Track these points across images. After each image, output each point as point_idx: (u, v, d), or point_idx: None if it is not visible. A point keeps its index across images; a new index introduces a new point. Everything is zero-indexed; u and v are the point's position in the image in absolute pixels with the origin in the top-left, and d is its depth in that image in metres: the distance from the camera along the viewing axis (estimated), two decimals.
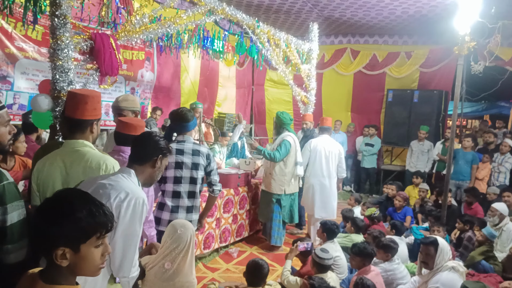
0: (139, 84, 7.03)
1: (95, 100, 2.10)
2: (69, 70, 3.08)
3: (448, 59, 8.37)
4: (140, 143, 1.95)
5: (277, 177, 4.90)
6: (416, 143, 7.86)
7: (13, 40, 5.08)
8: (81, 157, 2.00)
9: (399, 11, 7.03)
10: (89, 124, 2.08)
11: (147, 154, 1.92)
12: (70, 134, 2.07)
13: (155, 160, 1.92)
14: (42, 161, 2.06)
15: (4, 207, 1.58)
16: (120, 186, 1.70)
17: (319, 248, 3.36)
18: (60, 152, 2.04)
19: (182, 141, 3.22)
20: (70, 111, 2.05)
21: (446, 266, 3.12)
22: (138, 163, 1.89)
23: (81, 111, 2.03)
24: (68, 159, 2.01)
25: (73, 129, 2.06)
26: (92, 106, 2.07)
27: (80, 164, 1.98)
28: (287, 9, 7.35)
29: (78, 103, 2.03)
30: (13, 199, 1.62)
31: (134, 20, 3.64)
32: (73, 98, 2.05)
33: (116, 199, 1.65)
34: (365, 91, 9.31)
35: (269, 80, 10.15)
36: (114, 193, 1.66)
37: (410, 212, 5.85)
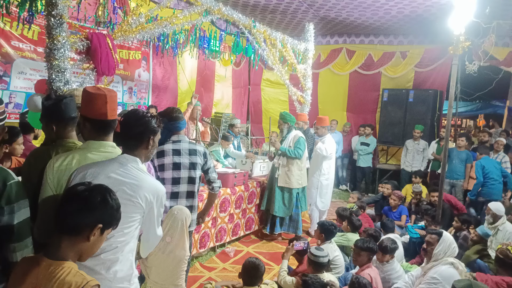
0: (136, 83, 7.03)
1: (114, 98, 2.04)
2: (66, 70, 3.08)
3: (443, 59, 8.43)
4: (132, 130, 1.90)
5: (296, 173, 5.25)
6: (411, 142, 7.91)
7: (9, 39, 5.06)
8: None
9: (394, 11, 7.07)
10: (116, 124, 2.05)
11: (141, 139, 1.91)
12: (100, 136, 1.99)
13: (149, 140, 1.94)
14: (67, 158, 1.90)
15: (11, 206, 1.60)
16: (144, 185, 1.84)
17: (314, 247, 3.38)
18: (91, 153, 1.95)
19: (177, 141, 3.19)
20: (110, 113, 1.96)
21: (446, 260, 3.16)
22: (132, 150, 1.91)
23: (111, 111, 1.97)
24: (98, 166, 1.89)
25: (105, 131, 1.98)
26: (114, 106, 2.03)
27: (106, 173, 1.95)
28: (283, 9, 7.37)
29: (115, 103, 1.98)
30: (20, 198, 1.65)
31: (131, 19, 3.64)
32: (111, 100, 1.97)
33: (148, 198, 1.85)
34: (360, 90, 9.35)
35: (266, 80, 10.17)
36: (142, 193, 1.82)
37: (405, 211, 5.89)
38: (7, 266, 1.66)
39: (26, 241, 1.67)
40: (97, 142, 1.97)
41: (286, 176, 5.26)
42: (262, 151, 7.75)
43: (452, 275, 3.08)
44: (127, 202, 1.76)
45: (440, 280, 3.06)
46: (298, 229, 5.36)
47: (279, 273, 3.51)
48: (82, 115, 1.99)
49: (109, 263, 1.73)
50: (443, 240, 3.24)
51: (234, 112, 9.20)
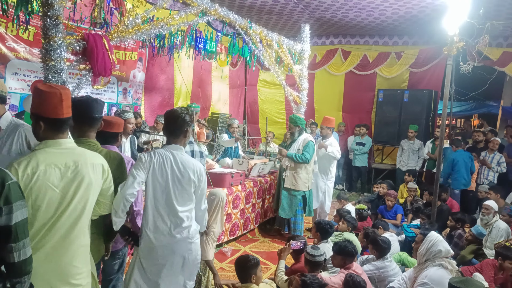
0: (131, 84, 7.02)
1: (69, 96, 2.02)
2: (62, 71, 3.07)
3: (437, 59, 8.49)
4: (174, 123, 2.56)
5: (303, 176, 5.30)
6: (407, 142, 7.96)
7: (4, 40, 5.05)
8: (83, 156, 2.00)
9: (389, 12, 7.12)
10: (70, 121, 2.04)
11: (181, 129, 2.56)
12: (58, 134, 1.96)
13: (186, 131, 2.59)
14: (31, 163, 1.84)
15: (10, 206, 1.61)
16: (195, 163, 2.62)
17: (311, 246, 3.38)
18: (53, 153, 1.92)
19: (190, 142, 3.25)
20: (66, 112, 1.95)
21: (434, 262, 3.18)
22: (176, 138, 2.57)
23: (66, 109, 1.96)
24: (69, 159, 1.94)
25: (64, 129, 1.98)
26: (68, 103, 2.01)
27: (87, 163, 2.00)
28: (279, 10, 7.40)
29: (62, 101, 1.93)
30: (18, 198, 1.65)
31: (127, 20, 3.64)
32: (67, 98, 1.96)
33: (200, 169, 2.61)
34: (356, 91, 9.40)
35: (262, 80, 10.20)
36: (197, 166, 2.59)
37: (401, 210, 5.93)
38: (5, 267, 1.67)
39: (24, 241, 1.67)
40: (54, 141, 1.94)
41: (293, 178, 5.32)
42: (258, 151, 7.77)
43: (441, 276, 3.08)
44: (190, 181, 2.52)
45: (430, 284, 3.05)
46: (296, 231, 5.38)
47: (276, 273, 3.51)
48: (34, 114, 1.94)
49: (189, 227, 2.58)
50: (426, 240, 3.25)
51: (231, 113, 9.22)
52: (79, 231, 1.99)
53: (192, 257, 2.64)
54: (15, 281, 1.68)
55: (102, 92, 6.49)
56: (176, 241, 2.52)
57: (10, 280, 1.68)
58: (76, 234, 1.97)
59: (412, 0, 6.38)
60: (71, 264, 1.97)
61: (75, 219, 1.96)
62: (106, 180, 2.14)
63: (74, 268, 1.98)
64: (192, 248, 2.62)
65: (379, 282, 3.59)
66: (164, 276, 2.57)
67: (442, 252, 3.21)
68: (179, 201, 2.52)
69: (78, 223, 1.97)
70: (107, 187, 2.16)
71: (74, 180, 1.94)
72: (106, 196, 2.20)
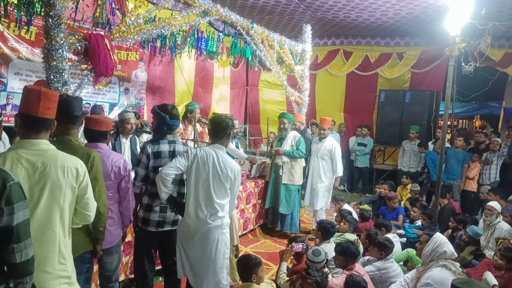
0: (133, 84, 7.03)
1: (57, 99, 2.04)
2: (64, 71, 3.08)
3: (439, 60, 8.48)
4: (218, 127, 2.93)
5: (299, 170, 5.54)
6: (408, 143, 7.95)
7: (6, 40, 5.06)
8: (54, 158, 1.94)
9: (391, 13, 7.11)
10: (52, 123, 2.02)
11: (224, 132, 2.93)
12: (33, 134, 1.95)
13: (229, 134, 2.98)
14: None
15: (11, 207, 1.60)
16: (232, 166, 2.94)
17: (311, 251, 3.32)
18: (23, 153, 1.90)
19: (173, 141, 3.13)
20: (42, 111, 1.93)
21: (438, 263, 3.17)
22: (219, 139, 2.94)
23: (52, 110, 1.96)
24: (37, 159, 1.90)
25: (40, 129, 1.95)
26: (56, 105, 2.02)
27: (57, 166, 1.93)
28: (280, 11, 7.40)
29: (50, 102, 1.95)
30: (19, 199, 1.64)
31: (129, 21, 3.65)
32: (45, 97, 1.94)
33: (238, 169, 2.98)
34: (357, 91, 9.39)
35: (263, 81, 10.19)
36: (236, 171, 2.95)
37: (402, 211, 5.91)
38: (7, 267, 1.67)
39: (26, 242, 1.67)
40: (27, 141, 1.93)
41: (290, 173, 5.47)
42: (260, 151, 7.77)
43: (444, 277, 3.08)
44: (228, 178, 2.86)
45: (434, 285, 3.05)
46: (295, 226, 5.58)
47: (278, 275, 3.50)
48: (18, 112, 1.97)
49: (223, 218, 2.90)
50: (432, 241, 3.25)
51: (232, 113, 9.21)
52: (49, 241, 1.92)
53: (222, 248, 2.89)
54: (17, 282, 1.68)
55: (104, 92, 6.49)
56: (210, 228, 2.84)
57: (12, 280, 1.67)
58: (46, 242, 1.91)
59: (414, 1, 6.37)
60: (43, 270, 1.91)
61: (43, 225, 1.90)
62: (80, 185, 2.03)
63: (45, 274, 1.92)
64: (223, 239, 2.91)
65: (381, 283, 3.58)
66: (198, 260, 2.87)
67: (447, 254, 3.23)
68: (217, 194, 2.86)
69: (47, 231, 1.90)
70: (81, 193, 2.05)
71: (39, 182, 1.89)
72: (81, 204, 2.07)
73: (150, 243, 3.09)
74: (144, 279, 3.16)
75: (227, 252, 2.95)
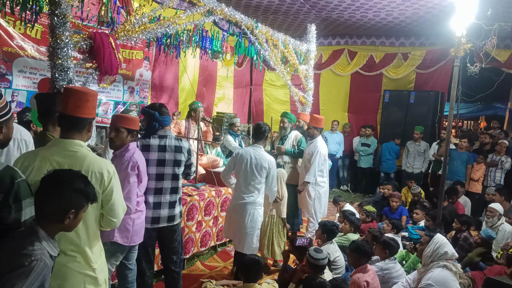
0: (137, 83, 7.05)
1: (95, 99, 2.07)
2: (69, 69, 3.09)
3: (444, 61, 8.43)
4: (259, 131, 3.96)
5: (301, 170, 5.40)
6: (412, 144, 7.92)
7: (12, 38, 5.09)
8: (81, 161, 1.93)
9: (396, 13, 7.08)
10: (88, 123, 2.03)
11: (263, 135, 3.97)
12: (65, 133, 1.97)
13: (266, 137, 4.01)
14: (29, 157, 1.90)
15: (19, 204, 1.63)
16: (267, 159, 3.90)
17: (313, 248, 3.31)
18: (53, 152, 1.92)
19: (164, 136, 3.15)
20: (71, 109, 1.95)
21: (439, 264, 3.17)
22: (259, 140, 3.98)
23: (82, 109, 1.96)
24: (64, 161, 1.90)
25: (71, 128, 1.96)
26: (93, 104, 2.02)
27: (82, 169, 1.89)
28: (285, 10, 7.39)
29: (80, 100, 1.96)
30: (27, 195, 1.67)
31: (134, 19, 3.66)
32: (74, 95, 1.97)
33: (269, 166, 3.90)
34: (362, 91, 9.36)
35: (268, 80, 10.18)
36: (266, 163, 3.88)
37: (406, 211, 5.90)
38: None
39: None
40: (60, 140, 1.95)
41: (294, 174, 5.41)
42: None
43: (445, 278, 3.07)
44: (262, 168, 3.81)
45: (435, 286, 3.04)
46: (295, 226, 5.49)
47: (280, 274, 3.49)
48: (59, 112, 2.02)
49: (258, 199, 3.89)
50: (432, 242, 3.24)
51: (236, 112, 9.22)
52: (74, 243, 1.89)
53: (255, 218, 3.86)
54: None
55: (108, 90, 6.52)
56: (246, 203, 3.83)
57: None
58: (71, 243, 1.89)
59: (419, 1, 6.34)
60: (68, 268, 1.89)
61: None
62: (104, 191, 1.98)
63: None
64: (256, 212, 3.87)
65: (383, 284, 3.56)
66: (237, 225, 3.87)
67: (448, 254, 3.23)
68: (253, 179, 3.83)
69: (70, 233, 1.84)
70: (105, 198, 2.00)
71: None
72: (105, 209, 2.03)
73: (146, 240, 3.09)
74: (142, 277, 3.18)
75: (258, 221, 3.88)
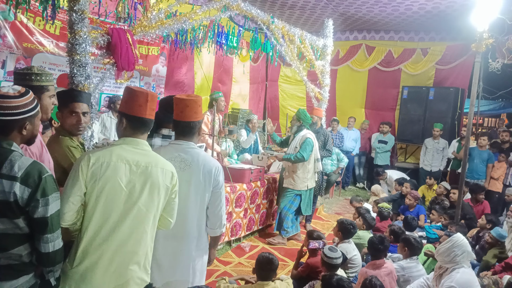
0: (154, 79, 7.10)
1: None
2: (87, 65, 3.14)
3: (465, 56, 8.22)
4: None
5: (301, 175, 5.13)
6: (431, 141, 7.77)
7: (32, 34, 5.17)
8: (156, 158, 2.01)
9: (415, 7, 6.94)
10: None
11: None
12: (137, 134, 2.01)
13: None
14: (104, 155, 1.90)
15: (46, 198, 1.68)
16: None
17: (328, 247, 3.28)
18: (129, 150, 1.96)
19: (168, 136, 3.04)
20: (140, 111, 1.99)
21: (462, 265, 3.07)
22: None
23: (149, 111, 2.01)
24: (142, 159, 1.96)
25: (144, 129, 2.02)
26: (153, 106, 2.08)
27: (157, 167, 1.99)
28: (302, 5, 7.32)
29: (147, 101, 1.98)
30: (53, 190, 1.71)
31: (150, 15, 3.68)
32: (141, 96, 1.99)
33: None
34: (380, 87, 9.22)
35: (283, 76, 10.13)
36: None
37: (423, 210, 5.80)
38: (38, 257, 1.75)
39: (58, 232, 1.75)
40: (132, 139, 1.98)
41: (291, 178, 5.15)
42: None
43: (469, 279, 2.99)
44: None
45: None
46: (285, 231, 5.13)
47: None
48: (120, 112, 2.02)
49: None
50: (451, 240, 3.10)
51: (251, 108, 9.20)
52: (140, 240, 1.92)
53: None
54: (48, 270, 1.77)
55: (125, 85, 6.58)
56: None
57: (44, 269, 1.76)
58: (137, 241, 1.92)
59: None
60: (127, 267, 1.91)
61: (138, 223, 1.91)
62: (172, 190, 2.05)
63: None
64: None
65: (404, 282, 3.51)
66: None
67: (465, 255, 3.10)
68: None
69: (139, 230, 1.91)
70: (171, 198, 2.06)
71: (140, 179, 1.91)
72: (167, 209, 2.07)
73: None
74: None
75: None
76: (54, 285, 1.83)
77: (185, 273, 2.37)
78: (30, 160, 1.70)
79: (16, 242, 1.69)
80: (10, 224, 1.66)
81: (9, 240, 1.67)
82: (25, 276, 1.73)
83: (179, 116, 2.34)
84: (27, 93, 1.76)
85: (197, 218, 2.37)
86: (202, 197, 2.36)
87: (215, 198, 2.41)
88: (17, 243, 1.69)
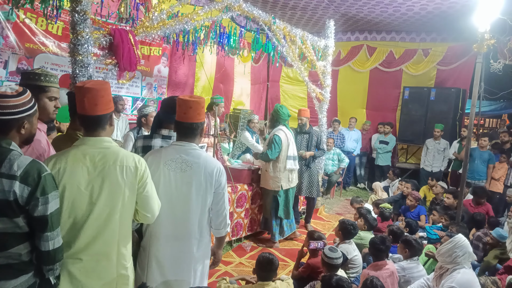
0: (155, 79, 7.12)
1: (109, 91, 1.97)
2: (89, 65, 3.15)
3: (466, 57, 8.23)
4: None
5: (273, 174, 4.89)
6: (432, 142, 7.77)
7: (34, 34, 5.20)
8: (114, 156, 1.93)
9: (417, 8, 6.94)
10: (109, 117, 1.97)
11: None
12: (90, 132, 1.94)
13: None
14: (60, 159, 1.87)
15: (46, 197, 1.69)
16: None
17: (328, 247, 3.28)
18: (85, 150, 1.91)
19: (168, 136, 2.90)
20: (89, 109, 1.89)
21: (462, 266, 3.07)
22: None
23: (100, 106, 1.90)
24: (98, 158, 1.90)
25: (95, 127, 1.93)
26: (108, 98, 1.95)
27: (116, 164, 1.91)
28: (303, 6, 7.33)
29: (95, 98, 1.87)
30: (52, 188, 1.73)
31: (152, 16, 3.69)
32: (88, 93, 1.87)
33: None
34: (381, 88, 9.22)
35: (285, 77, 10.14)
36: None
37: (424, 211, 5.80)
38: (38, 255, 1.75)
39: (58, 230, 1.76)
40: (91, 138, 1.93)
41: (263, 177, 5.00)
42: None
43: (469, 280, 2.99)
44: None
45: None
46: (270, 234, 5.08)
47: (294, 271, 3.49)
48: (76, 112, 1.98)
49: None
50: (453, 241, 3.10)
51: (253, 109, 9.22)
52: (109, 240, 1.92)
53: None
54: (48, 268, 1.77)
55: (127, 86, 6.60)
56: None
57: (44, 267, 1.77)
58: (106, 241, 1.91)
59: None
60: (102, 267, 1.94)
61: (103, 222, 1.89)
62: (139, 185, 1.99)
63: None
64: None
65: (404, 283, 3.51)
66: None
67: (466, 256, 3.11)
68: None
69: (106, 230, 1.89)
70: (140, 193, 2.00)
71: (98, 179, 1.88)
72: (140, 204, 2.03)
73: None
74: None
75: None
76: (53, 284, 1.82)
77: (186, 273, 2.37)
78: (29, 159, 1.70)
79: (16, 241, 1.69)
80: (9, 223, 1.66)
81: (8, 239, 1.68)
82: (25, 275, 1.73)
83: (181, 117, 2.33)
84: (24, 92, 1.77)
85: (198, 219, 2.37)
86: (203, 198, 2.36)
87: (218, 199, 2.41)
88: (16, 242, 1.69)
